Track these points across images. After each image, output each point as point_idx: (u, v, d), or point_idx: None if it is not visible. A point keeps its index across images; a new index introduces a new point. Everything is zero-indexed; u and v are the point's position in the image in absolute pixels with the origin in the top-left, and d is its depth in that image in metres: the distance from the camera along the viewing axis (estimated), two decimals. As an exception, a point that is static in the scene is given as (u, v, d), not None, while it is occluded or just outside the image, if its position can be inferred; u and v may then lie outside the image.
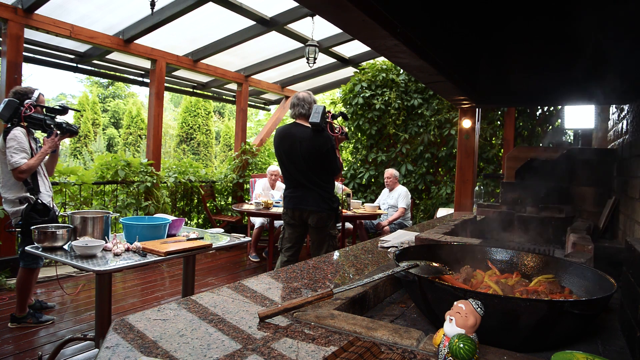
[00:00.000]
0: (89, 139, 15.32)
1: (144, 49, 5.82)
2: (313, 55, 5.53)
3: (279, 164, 3.40)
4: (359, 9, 1.38)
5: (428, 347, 0.86)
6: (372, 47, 1.79)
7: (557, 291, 1.12)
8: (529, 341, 0.94)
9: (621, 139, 2.26)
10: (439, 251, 1.39)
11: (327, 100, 11.39)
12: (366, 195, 7.11)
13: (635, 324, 0.93)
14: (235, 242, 2.87)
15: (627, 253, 1.15)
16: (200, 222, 7.16)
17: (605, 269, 1.19)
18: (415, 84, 6.76)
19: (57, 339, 3.04)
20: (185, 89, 8.08)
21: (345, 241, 5.54)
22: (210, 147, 16.21)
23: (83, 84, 21.29)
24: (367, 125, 7.01)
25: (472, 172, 3.75)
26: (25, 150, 3.10)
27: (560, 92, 2.43)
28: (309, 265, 1.57)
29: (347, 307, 1.10)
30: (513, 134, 5.87)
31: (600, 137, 3.65)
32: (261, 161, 8.03)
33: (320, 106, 3.09)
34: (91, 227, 2.53)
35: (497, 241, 2.11)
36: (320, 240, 3.26)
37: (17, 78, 4.52)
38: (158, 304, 3.91)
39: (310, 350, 0.84)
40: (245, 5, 5.12)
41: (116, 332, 0.89)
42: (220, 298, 1.13)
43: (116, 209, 5.53)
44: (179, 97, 20.96)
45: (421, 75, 2.25)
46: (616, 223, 2.12)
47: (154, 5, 4.09)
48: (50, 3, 4.51)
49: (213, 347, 0.84)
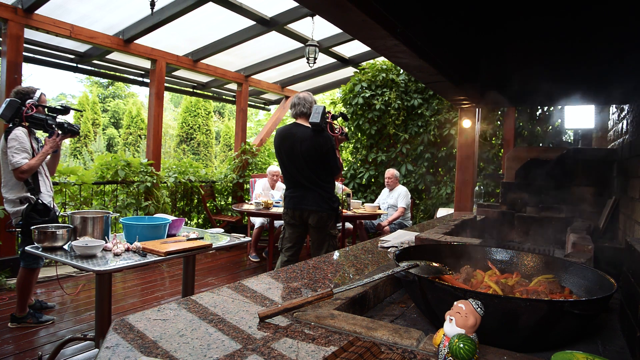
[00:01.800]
0: (89, 139, 15.32)
1: (144, 49, 5.82)
2: (313, 55, 5.53)
3: (279, 164, 3.40)
4: (359, 9, 1.38)
5: (428, 347, 0.86)
6: (372, 47, 1.79)
7: (557, 291, 1.12)
8: (529, 341, 0.95)
9: (621, 139, 2.26)
10: (439, 251, 1.39)
11: (327, 100, 11.39)
12: (366, 195, 7.11)
13: (635, 324, 0.93)
14: (235, 242, 2.87)
15: (627, 253, 1.15)
16: (200, 222, 7.16)
17: (605, 269, 1.19)
18: (415, 84, 6.76)
19: (57, 339, 3.04)
20: (185, 89, 8.08)
21: (345, 241, 5.54)
22: (210, 147, 16.21)
23: (83, 84, 21.30)
24: (367, 125, 7.01)
25: (472, 172, 3.75)
26: (26, 151, 3.10)
27: (560, 92, 2.43)
28: (309, 265, 1.57)
29: (347, 307, 1.10)
30: (513, 134, 5.86)
31: (600, 137, 3.66)
32: (261, 161, 8.03)
33: (320, 106, 3.10)
34: (91, 227, 2.53)
35: (497, 241, 2.11)
36: (320, 240, 3.26)
37: (17, 78, 4.52)
38: (158, 304, 3.91)
39: (310, 350, 0.84)
40: (245, 5, 5.12)
41: (116, 332, 0.89)
42: (220, 298, 1.13)
43: (116, 209, 5.53)
44: (179, 97, 20.96)
45: (421, 75, 2.26)
46: (616, 223, 2.12)
47: (154, 5, 4.09)
48: (50, 3, 4.51)
49: (213, 347, 0.84)
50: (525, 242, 2.19)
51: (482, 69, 2.65)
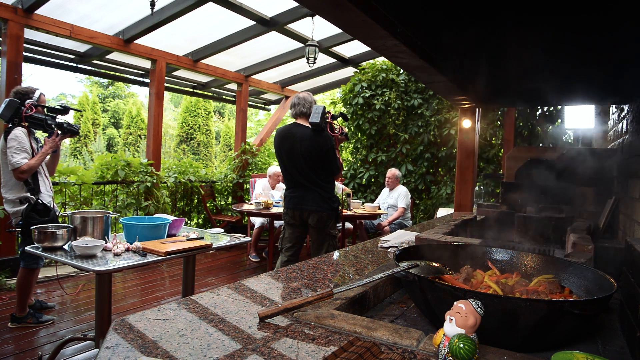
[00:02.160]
0: (89, 139, 15.32)
1: (144, 49, 5.82)
2: (313, 55, 5.53)
3: (279, 163, 3.40)
4: (359, 9, 1.39)
5: (428, 347, 0.86)
6: (372, 47, 1.80)
7: (557, 291, 1.12)
8: (529, 341, 0.95)
9: (621, 139, 2.26)
10: (439, 251, 1.39)
11: (327, 100, 11.39)
12: (366, 195, 7.11)
13: (635, 324, 0.93)
14: (235, 242, 2.87)
15: (627, 253, 1.15)
16: (200, 222, 7.16)
17: (605, 269, 1.19)
18: (415, 84, 6.76)
19: (57, 339, 3.04)
20: (185, 89, 8.08)
21: (345, 241, 5.54)
22: (210, 147, 16.21)
23: (83, 84, 21.29)
24: (367, 125, 7.01)
25: (472, 172, 3.75)
26: (26, 151, 3.10)
27: (560, 92, 2.44)
28: (309, 265, 1.57)
29: (347, 307, 1.10)
30: (513, 134, 5.87)
31: (600, 137, 3.66)
32: (261, 161, 8.03)
33: (320, 106, 3.10)
34: (91, 227, 2.53)
35: (497, 241, 2.11)
36: (320, 240, 3.26)
37: (17, 78, 4.52)
38: (158, 304, 3.91)
39: (310, 350, 0.84)
40: (245, 5, 5.12)
41: (116, 332, 0.89)
42: (220, 298, 1.13)
43: (116, 209, 5.53)
44: (179, 97, 20.96)
45: (421, 75, 2.26)
46: (616, 223, 2.12)
47: (154, 5, 4.09)
48: (50, 3, 4.51)
49: (213, 347, 0.84)
50: (525, 242, 2.19)
51: (482, 69, 2.65)
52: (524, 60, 2.27)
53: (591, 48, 2.03)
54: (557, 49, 2.22)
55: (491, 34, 2.38)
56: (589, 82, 2.16)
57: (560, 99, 2.86)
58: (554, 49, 2.21)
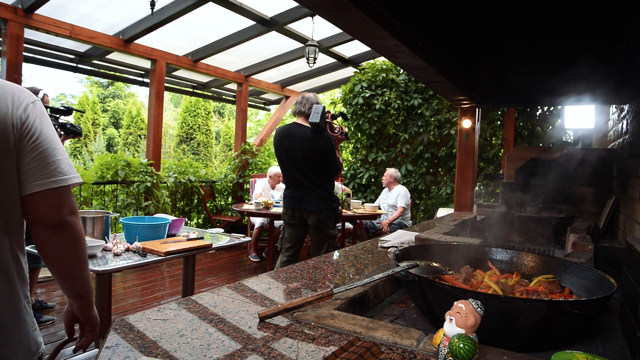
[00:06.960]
0: (89, 139, 15.32)
1: (144, 49, 5.82)
2: (313, 55, 5.53)
3: (279, 163, 3.40)
4: (359, 9, 1.38)
5: (428, 347, 0.86)
6: (372, 47, 1.79)
7: (557, 291, 1.12)
8: (529, 341, 0.95)
9: (621, 139, 2.26)
10: (439, 251, 1.39)
11: (327, 100, 11.38)
12: (366, 195, 7.11)
13: (635, 324, 0.93)
14: (235, 242, 2.87)
15: (627, 253, 1.15)
16: (200, 222, 7.16)
17: (605, 269, 1.19)
18: (415, 84, 6.76)
19: (57, 339, 3.04)
20: (185, 89, 8.08)
21: (345, 241, 5.54)
22: (210, 147, 16.21)
23: (83, 84, 21.28)
24: (367, 125, 7.01)
25: (472, 172, 3.74)
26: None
27: (560, 92, 2.44)
28: (309, 265, 1.57)
29: (347, 307, 1.10)
30: (513, 134, 5.87)
31: (600, 137, 3.65)
32: (261, 161, 8.03)
33: (320, 106, 3.09)
34: (91, 227, 2.53)
35: (497, 241, 2.11)
36: (320, 240, 3.26)
37: (17, 78, 4.52)
38: (158, 304, 3.91)
39: (310, 350, 0.84)
40: (245, 5, 5.11)
41: (116, 332, 0.89)
42: (220, 298, 1.13)
43: (116, 209, 5.52)
44: (179, 97, 20.94)
45: (421, 75, 2.25)
46: (616, 223, 2.12)
47: (154, 5, 4.09)
48: (50, 3, 4.51)
49: (213, 347, 0.84)
50: (525, 242, 2.19)
51: (482, 69, 2.65)
52: (524, 60, 2.28)
53: (591, 48, 2.03)
54: (557, 48, 2.22)
55: (491, 34, 2.38)
56: (589, 82, 2.16)
57: (560, 99, 2.86)
58: (554, 48, 2.22)
